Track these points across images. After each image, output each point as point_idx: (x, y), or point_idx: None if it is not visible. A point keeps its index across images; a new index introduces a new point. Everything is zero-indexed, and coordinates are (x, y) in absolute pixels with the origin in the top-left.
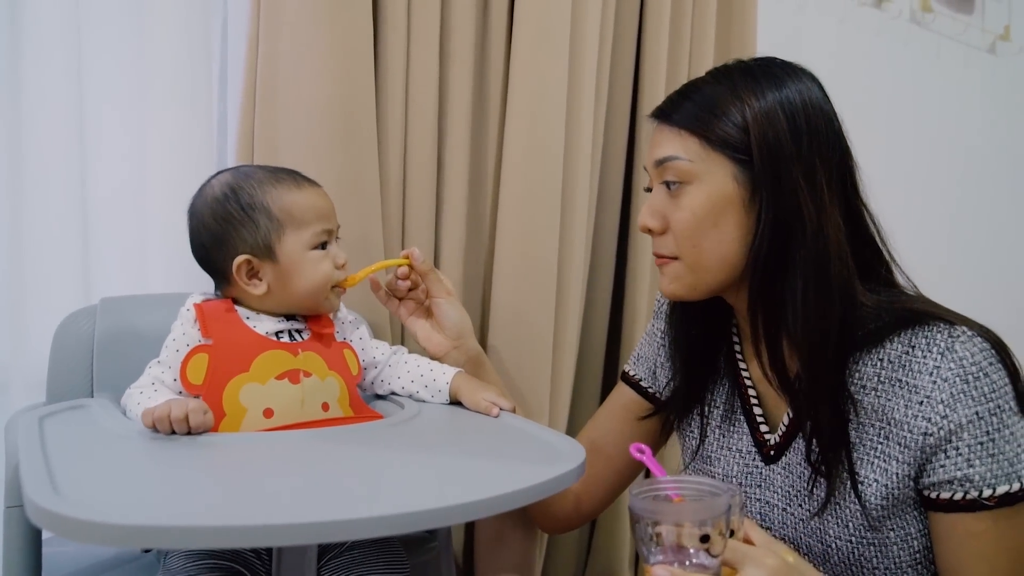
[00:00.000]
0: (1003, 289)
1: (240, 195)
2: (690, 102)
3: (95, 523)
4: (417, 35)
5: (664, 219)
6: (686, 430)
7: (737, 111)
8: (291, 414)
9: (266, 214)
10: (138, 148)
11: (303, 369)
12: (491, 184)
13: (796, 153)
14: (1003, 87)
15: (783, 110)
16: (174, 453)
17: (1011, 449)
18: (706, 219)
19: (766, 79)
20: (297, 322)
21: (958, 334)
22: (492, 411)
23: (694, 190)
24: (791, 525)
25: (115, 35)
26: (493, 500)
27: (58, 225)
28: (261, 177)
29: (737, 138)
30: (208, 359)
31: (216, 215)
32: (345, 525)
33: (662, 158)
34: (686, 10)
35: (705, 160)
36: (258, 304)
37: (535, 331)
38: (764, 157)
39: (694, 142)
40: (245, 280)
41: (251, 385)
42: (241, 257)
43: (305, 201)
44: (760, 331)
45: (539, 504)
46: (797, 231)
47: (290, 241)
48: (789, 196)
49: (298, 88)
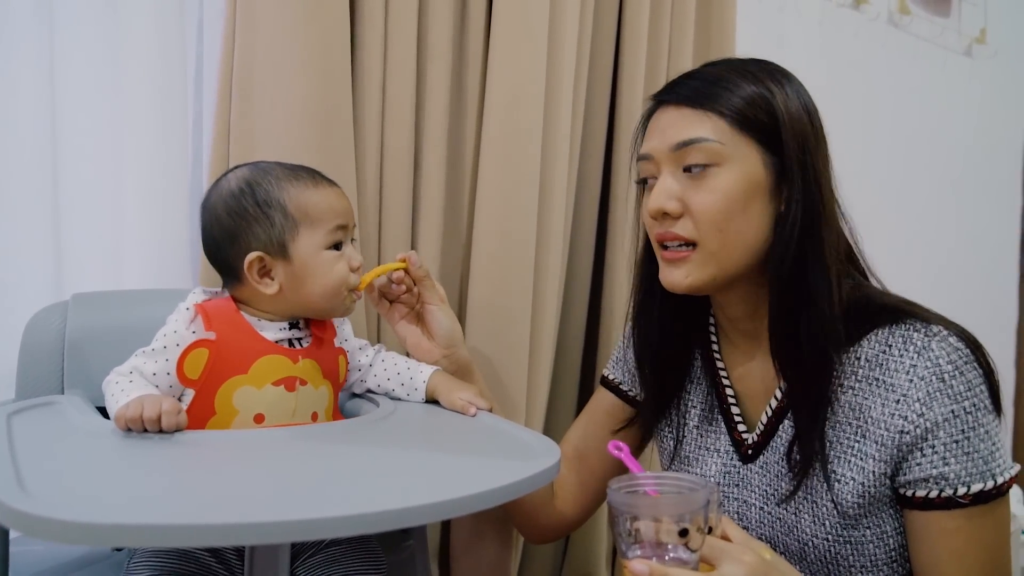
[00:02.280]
0: (980, 289)
1: (256, 191)
2: (705, 83)
3: (63, 521)
4: (394, 32)
5: (683, 203)
6: (662, 433)
7: (765, 99)
8: (281, 421)
9: (282, 211)
10: (112, 145)
11: (300, 377)
12: (468, 184)
13: (816, 145)
14: (979, 89)
15: (802, 103)
16: (145, 451)
17: (986, 447)
18: (736, 202)
19: (778, 73)
20: (299, 330)
21: (934, 333)
22: (469, 410)
23: (724, 172)
24: (768, 524)
25: (89, 32)
26: (467, 499)
27: (30, 222)
28: (279, 174)
29: (768, 124)
30: (208, 355)
31: (231, 210)
32: (316, 524)
33: (686, 140)
34: (664, 10)
35: (735, 142)
36: (269, 306)
37: (512, 331)
38: (796, 144)
39: (722, 123)
40: (256, 278)
41: (247, 388)
42: (254, 254)
43: (322, 200)
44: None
45: (523, 513)
46: (819, 221)
47: (304, 240)
48: (814, 185)
49: (274, 86)
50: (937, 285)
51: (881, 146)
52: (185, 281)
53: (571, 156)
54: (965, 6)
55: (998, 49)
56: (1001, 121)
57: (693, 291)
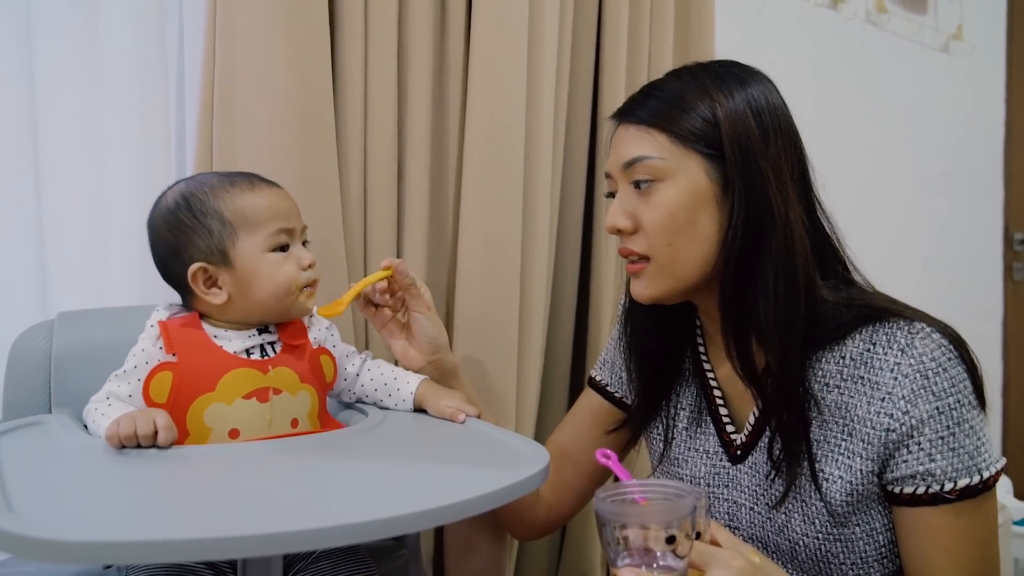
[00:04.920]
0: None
1: (192, 202)
2: (654, 99)
3: (52, 541)
4: (375, 42)
5: (635, 219)
6: (652, 435)
7: (706, 106)
8: (257, 434)
9: (219, 219)
10: (95, 161)
11: (273, 387)
12: (452, 190)
13: (764, 148)
14: (958, 85)
15: (750, 107)
16: (134, 468)
17: (971, 443)
18: (681, 215)
19: (730, 78)
20: (269, 334)
21: (917, 330)
22: (458, 417)
23: (667, 187)
24: (758, 524)
25: (68, 47)
26: (457, 505)
27: (13, 240)
28: (214, 183)
29: (707, 133)
30: (172, 377)
31: (169, 225)
32: (309, 535)
33: (631, 159)
34: (643, 14)
35: (677, 156)
36: (223, 315)
37: (500, 337)
38: (736, 151)
39: (664, 139)
40: (203, 289)
41: (217, 405)
42: (195, 265)
43: (259, 202)
44: (731, 326)
45: (510, 511)
46: (767, 225)
47: (245, 244)
48: (759, 190)
49: (256, 98)
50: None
51: (862, 143)
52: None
53: (554, 160)
54: (941, 3)
55: (975, 45)
56: (981, 115)
57: (656, 301)
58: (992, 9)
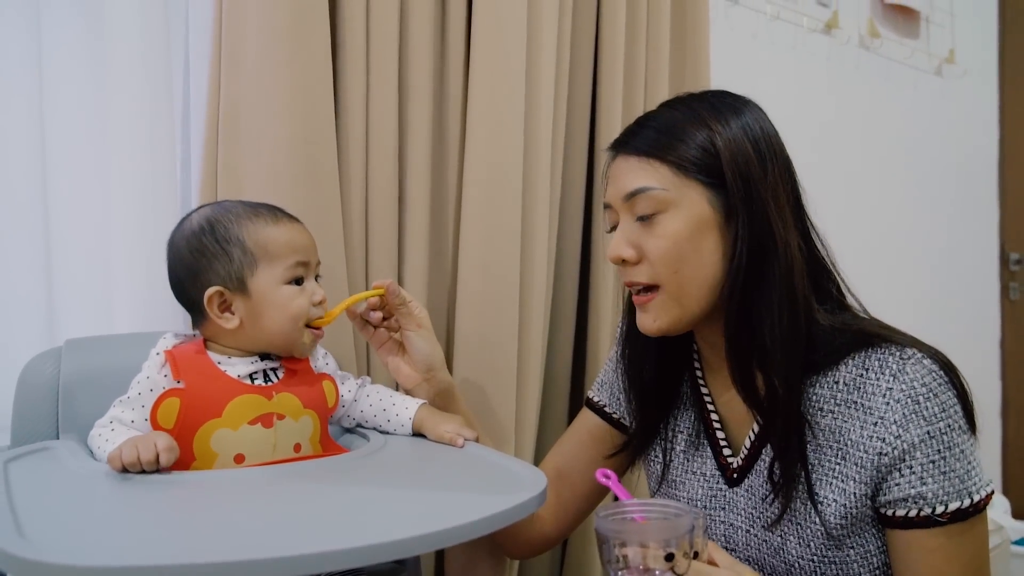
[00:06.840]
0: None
1: (216, 228)
2: (651, 130)
3: (62, 566)
4: (376, 70)
5: (639, 248)
6: (650, 458)
7: (704, 136)
8: (262, 458)
9: (241, 248)
10: (101, 189)
11: (277, 412)
12: (452, 215)
13: (763, 176)
14: (951, 108)
15: (747, 135)
16: (141, 493)
17: (961, 466)
18: (686, 244)
19: (725, 107)
20: (271, 360)
21: (908, 356)
22: (457, 442)
23: (671, 217)
24: (755, 546)
25: (77, 75)
26: (456, 529)
27: (21, 268)
28: (240, 212)
29: (707, 162)
30: (179, 403)
31: (192, 248)
32: (313, 559)
33: (633, 190)
34: (639, 42)
35: (678, 186)
36: (231, 341)
37: (500, 359)
38: (738, 179)
39: (665, 169)
40: (217, 313)
41: (223, 431)
42: (213, 288)
43: (281, 236)
44: (735, 350)
45: (506, 531)
46: (770, 250)
47: (263, 275)
48: (761, 216)
49: (260, 127)
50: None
51: (857, 167)
52: (176, 324)
53: (552, 187)
54: (933, 28)
55: (967, 68)
56: (975, 137)
57: (664, 333)
58: (983, 33)
